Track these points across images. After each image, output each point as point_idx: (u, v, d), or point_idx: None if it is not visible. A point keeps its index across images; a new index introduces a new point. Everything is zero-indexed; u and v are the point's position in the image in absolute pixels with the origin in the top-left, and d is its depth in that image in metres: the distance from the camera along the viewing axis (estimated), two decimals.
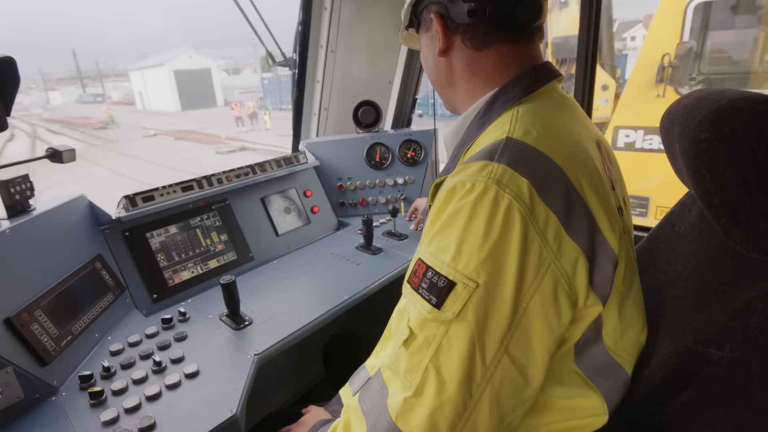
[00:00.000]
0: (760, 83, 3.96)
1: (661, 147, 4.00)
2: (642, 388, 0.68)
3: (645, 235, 1.06)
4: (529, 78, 0.74)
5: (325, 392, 1.97)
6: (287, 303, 1.34)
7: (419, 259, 0.64)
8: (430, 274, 0.61)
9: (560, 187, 0.60)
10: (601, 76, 4.85)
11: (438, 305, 0.59)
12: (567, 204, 0.59)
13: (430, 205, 0.78)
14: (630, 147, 3.90)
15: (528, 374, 0.58)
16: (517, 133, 0.64)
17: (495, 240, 0.56)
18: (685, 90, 3.79)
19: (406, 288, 0.66)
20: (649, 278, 0.88)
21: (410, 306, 0.64)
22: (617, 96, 5.11)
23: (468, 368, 0.57)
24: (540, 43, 0.79)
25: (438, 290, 0.59)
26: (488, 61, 0.76)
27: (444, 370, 0.58)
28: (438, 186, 0.76)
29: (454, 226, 0.59)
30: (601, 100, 5.00)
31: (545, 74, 0.76)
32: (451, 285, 0.58)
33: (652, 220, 3.73)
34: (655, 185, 3.75)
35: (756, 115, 0.57)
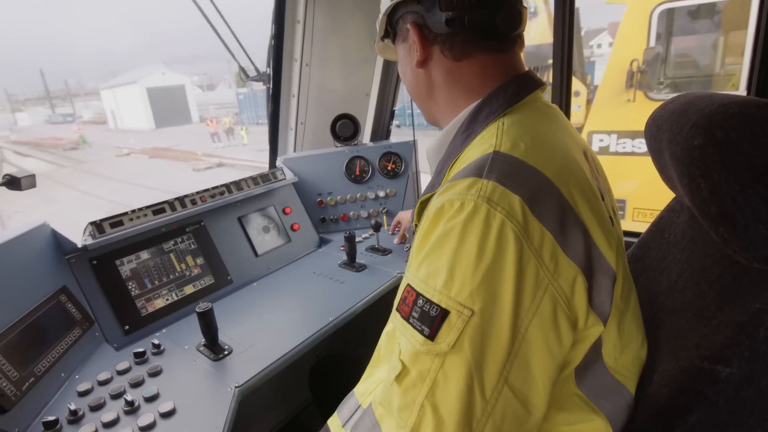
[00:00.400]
0: (722, 86, 4.10)
1: (635, 150, 4.08)
2: (647, 408, 0.65)
3: (633, 240, 1.05)
4: (513, 88, 0.71)
5: (314, 417, 1.90)
6: (269, 328, 1.28)
7: (408, 285, 0.60)
8: (420, 301, 0.56)
9: (553, 202, 0.57)
10: (573, 83, 4.95)
11: (431, 336, 0.54)
12: (561, 220, 0.56)
13: (416, 225, 0.74)
14: (604, 151, 3.97)
15: (530, 404, 0.54)
16: (505, 147, 0.61)
17: (489, 263, 0.52)
18: (654, 94, 3.89)
19: (396, 317, 0.61)
20: (641, 288, 0.85)
21: (401, 337, 0.60)
22: (589, 102, 5.22)
23: (467, 403, 0.52)
24: (521, 51, 0.77)
25: (430, 320, 0.55)
26: (469, 71, 0.74)
27: (441, 407, 0.54)
28: (424, 204, 0.72)
29: (443, 249, 0.55)
30: (574, 106, 5.10)
31: (528, 83, 0.73)
32: (444, 314, 0.53)
33: (630, 222, 3.78)
34: (630, 188, 3.81)
35: (749, 119, 0.55)
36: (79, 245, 1.28)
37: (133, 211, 1.41)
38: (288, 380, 1.71)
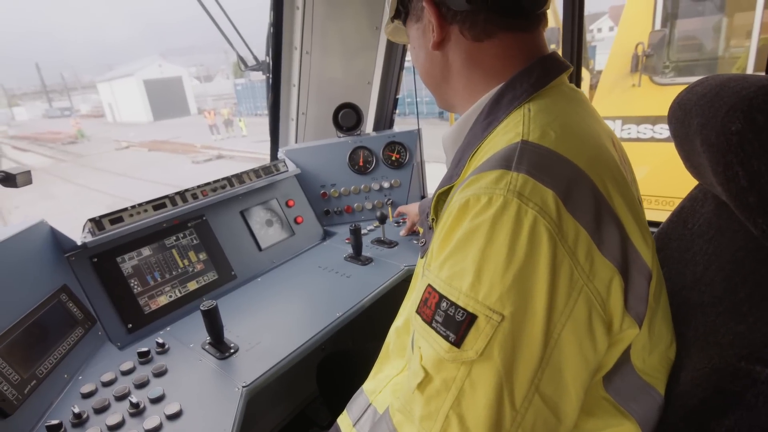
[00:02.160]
0: (727, 68, 4.03)
1: (640, 136, 4.02)
2: (678, 409, 0.61)
3: (653, 230, 1.01)
4: (538, 71, 0.66)
5: (321, 411, 1.89)
6: (275, 324, 1.25)
7: (429, 286, 0.56)
8: (444, 305, 0.52)
9: (588, 196, 0.52)
10: None
11: (457, 343, 0.50)
12: (597, 216, 0.52)
13: (433, 219, 0.70)
14: None
15: (561, 413, 0.51)
16: (533, 135, 0.56)
17: (520, 263, 0.48)
18: (659, 78, 3.82)
19: (417, 320, 0.57)
20: (665, 282, 0.82)
21: (422, 341, 0.56)
22: (592, 87, 5.14)
23: (496, 414, 0.49)
24: (544, 30, 0.72)
25: (456, 325, 0.51)
26: (490, 53, 0.68)
27: (468, 417, 0.50)
28: (442, 197, 0.68)
29: (470, 248, 0.51)
30: None
31: (554, 66, 0.68)
32: (471, 319, 0.49)
33: None
34: (637, 175, 3.77)
35: None
36: (79, 243, 1.25)
37: (133, 207, 1.38)
38: (294, 376, 1.69)
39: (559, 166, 0.53)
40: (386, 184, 1.96)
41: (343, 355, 1.41)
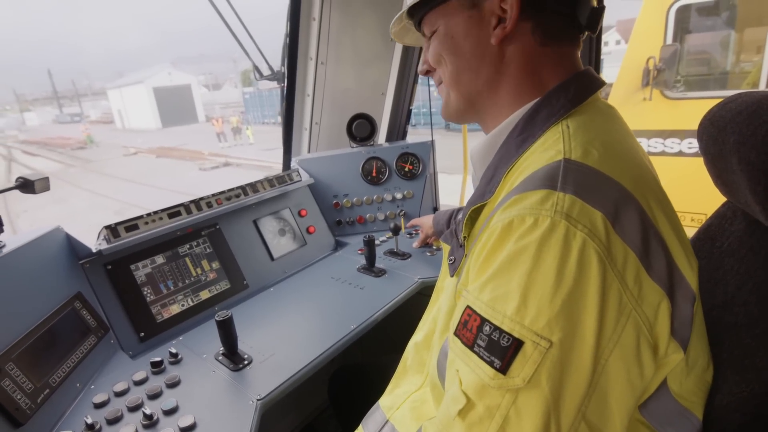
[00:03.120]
0: (738, 83, 4.02)
1: (650, 150, 4.01)
2: None
3: None
4: (575, 86, 0.64)
5: (330, 424, 1.86)
6: (289, 336, 1.23)
7: (469, 308, 0.54)
8: (487, 329, 0.51)
9: (635, 218, 0.51)
10: None
11: (503, 370, 0.49)
12: (644, 238, 0.50)
13: (465, 237, 0.69)
14: None
15: None
16: (576, 154, 0.55)
17: (569, 288, 0.47)
18: (671, 92, 3.81)
19: (455, 343, 0.56)
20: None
21: (461, 365, 0.54)
22: None
23: None
24: None
25: (501, 351, 0.49)
26: (548, 60, 0.66)
27: None
28: (476, 213, 0.67)
29: (514, 270, 0.50)
30: None
31: (591, 82, 0.66)
32: (518, 344, 0.48)
33: None
34: None
35: None
36: (94, 250, 1.24)
37: (148, 215, 1.37)
38: (304, 388, 1.67)
39: (606, 186, 0.52)
40: (399, 195, 1.95)
41: (356, 369, 1.39)
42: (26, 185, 1.15)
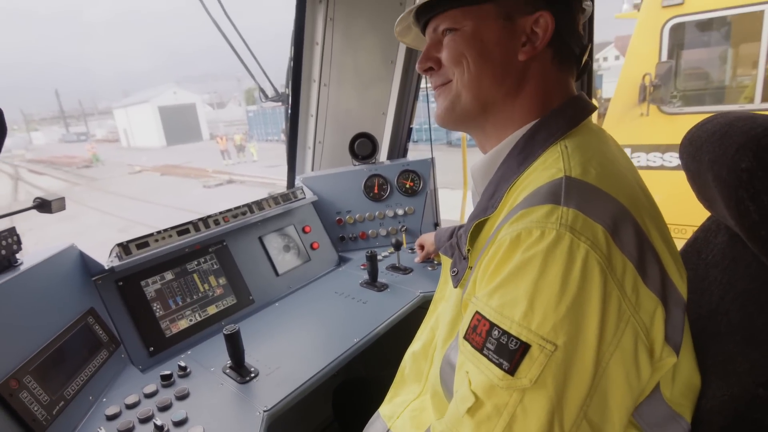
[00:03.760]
0: (735, 98, 4.09)
1: (650, 164, 4.05)
2: None
3: None
4: (572, 110, 0.71)
5: None
6: (294, 349, 1.27)
7: (478, 313, 0.58)
8: (496, 333, 0.55)
9: (632, 231, 0.56)
10: None
11: (511, 371, 0.53)
12: (640, 250, 0.55)
13: (468, 249, 0.73)
14: None
15: None
16: (575, 172, 0.60)
17: (573, 295, 0.51)
18: (668, 108, 3.88)
19: (465, 346, 0.60)
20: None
21: (471, 367, 0.58)
22: (600, 115, 5.22)
23: None
24: None
25: (510, 353, 0.53)
26: (556, 84, 0.73)
27: None
28: (478, 227, 0.71)
29: (522, 279, 0.54)
30: None
31: (585, 106, 0.73)
32: (525, 348, 0.52)
33: None
34: None
35: None
36: (106, 266, 1.29)
37: (158, 232, 1.42)
38: (308, 403, 1.70)
39: (605, 202, 0.57)
40: (400, 211, 2.00)
41: (360, 382, 1.42)
42: (44, 205, 1.20)
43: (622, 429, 0.55)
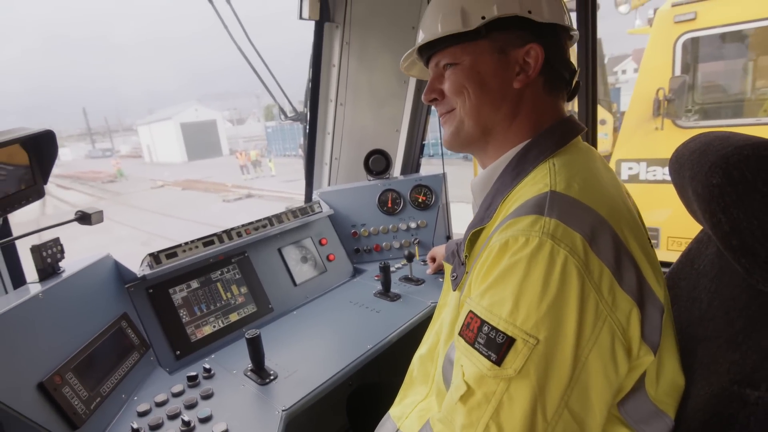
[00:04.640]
0: (755, 111, 4.06)
1: (665, 178, 4.05)
2: None
3: (665, 271, 1.08)
4: (560, 131, 0.78)
5: None
6: (311, 354, 1.35)
7: (471, 312, 0.65)
8: (486, 329, 0.62)
9: (609, 240, 0.62)
10: (599, 111, 4.98)
11: (498, 362, 0.59)
12: (617, 257, 0.61)
13: (466, 256, 0.81)
14: (634, 179, 3.97)
15: (587, 427, 0.59)
16: (560, 186, 0.67)
17: (553, 295, 0.58)
18: (683, 122, 3.89)
19: (460, 342, 0.67)
20: (673, 317, 0.89)
21: (464, 360, 0.65)
22: (615, 129, 5.22)
23: (530, 424, 0.58)
24: None
25: (497, 346, 0.60)
26: (548, 107, 0.81)
27: (506, 426, 0.59)
28: (476, 236, 0.78)
29: (509, 280, 0.61)
30: (600, 134, 5.11)
31: (573, 127, 0.80)
32: (510, 341, 0.59)
33: (664, 252, 3.73)
34: (663, 216, 3.78)
35: (763, 160, 0.61)
36: (139, 275, 1.40)
37: (186, 243, 1.53)
38: (323, 407, 1.76)
39: (584, 213, 0.64)
40: (413, 225, 2.07)
41: (373, 388, 1.48)
42: (84, 218, 1.31)
43: (603, 420, 0.60)
